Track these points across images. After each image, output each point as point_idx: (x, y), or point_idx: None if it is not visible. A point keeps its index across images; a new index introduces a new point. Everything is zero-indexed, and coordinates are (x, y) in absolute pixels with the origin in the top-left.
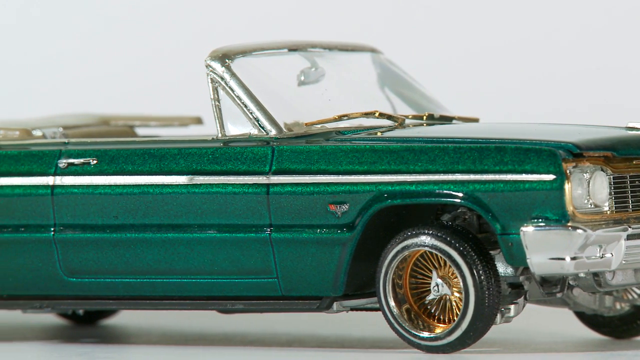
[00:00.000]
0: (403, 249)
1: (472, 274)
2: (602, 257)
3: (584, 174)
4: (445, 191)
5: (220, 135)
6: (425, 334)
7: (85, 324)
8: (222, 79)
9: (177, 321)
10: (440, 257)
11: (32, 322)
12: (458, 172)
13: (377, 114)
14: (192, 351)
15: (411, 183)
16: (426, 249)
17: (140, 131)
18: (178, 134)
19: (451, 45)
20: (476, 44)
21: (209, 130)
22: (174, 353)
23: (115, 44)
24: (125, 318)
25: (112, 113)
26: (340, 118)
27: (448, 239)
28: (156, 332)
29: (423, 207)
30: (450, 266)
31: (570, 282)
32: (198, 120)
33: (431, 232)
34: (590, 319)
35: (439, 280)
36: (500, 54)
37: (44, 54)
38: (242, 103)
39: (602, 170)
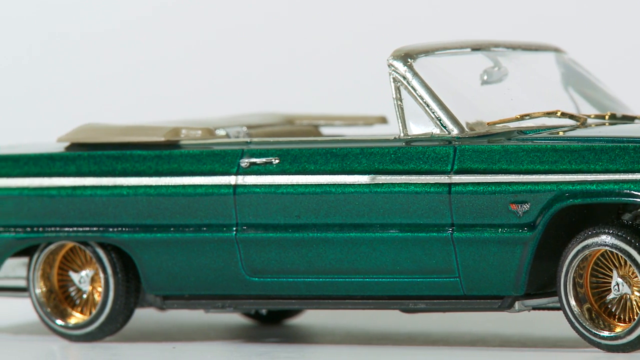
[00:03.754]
0: (584, 248)
1: None
2: None
3: None
4: (625, 190)
5: (402, 134)
6: (606, 333)
7: (270, 324)
8: (405, 78)
9: (362, 320)
10: (621, 257)
11: (215, 321)
12: (638, 172)
13: (559, 114)
14: (375, 351)
15: (592, 182)
16: (607, 248)
17: (325, 130)
18: (362, 134)
19: (636, 42)
20: None
21: (393, 129)
22: (357, 353)
23: (301, 43)
24: (310, 317)
25: (298, 112)
26: (522, 117)
27: (628, 238)
28: (340, 332)
29: (604, 207)
30: (630, 265)
31: None
32: (382, 120)
33: (612, 231)
34: None
35: (620, 280)
36: None
37: (230, 53)
38: (424, 102)
39: None
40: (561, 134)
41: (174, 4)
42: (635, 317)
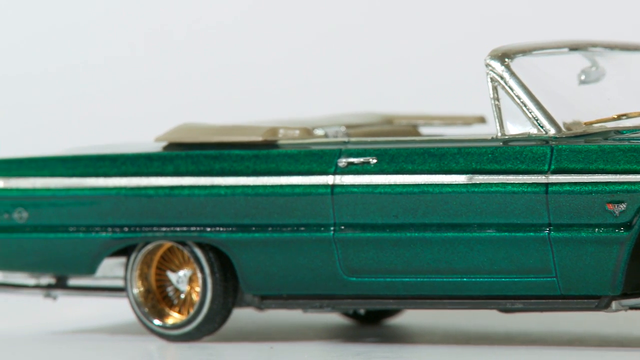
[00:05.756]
0: None
1: None
2: None
3: None
4: None
5: (499, 134)
6: None
7: (368, 324)
8: (502, 78)
9: (460, 320)
10: None
11: (314, 321)
12: None
13: None
14: (473, 350)
15: None
16: None
17: (424, 130)
18: (460, 133)
19: None
20: None
21: (492, 129)
22: (454, 352)
23: (401, 43)
24: (410, 317)
25: (397, 112)
26: (620, 117)
27: None
28: (439, 332)
29: None
30: None
31: None
32: (481, 120)
33: None
34: None
35: None
36: None
37: (330, 53)
38: (522, 102)
39: None
40: None
41: (274, 2)
42: None
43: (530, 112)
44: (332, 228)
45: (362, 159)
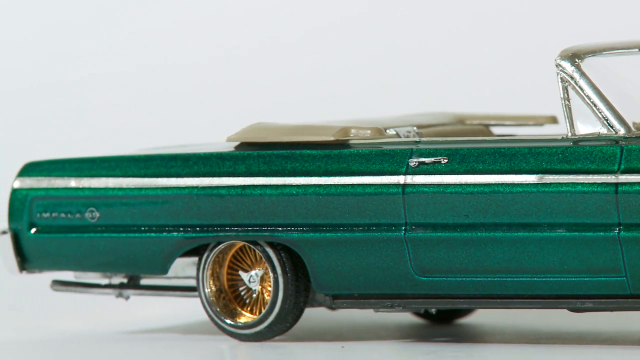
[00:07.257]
0: None
1: None
2: None
3: None
4: None
5: (570, 134)
6: None
7: (441, 323)
8: (572, 78)
9: (531, 320)
10: None
11: (387, 320)
12: None
13: None
14: (544, 350)
15: None
16: None
17: (496, 130)
18: (532, 133)
19: None
20: None
21: (563, 129)
22: (525, 352)
23: (473, 43)
24: (481, 317)
25: (469, 112)
26: None
27: None
28: (510, 331)
29: None
30: None
31: None
32: (553, 120)
33: None
34: None
35: None
36: None
37: (404, 54)
38: (592, 102)
39: None
40: None
41: (353, 13)
42: None
43: (600, 112)
44: (403, 228)
45: (433, 159)
